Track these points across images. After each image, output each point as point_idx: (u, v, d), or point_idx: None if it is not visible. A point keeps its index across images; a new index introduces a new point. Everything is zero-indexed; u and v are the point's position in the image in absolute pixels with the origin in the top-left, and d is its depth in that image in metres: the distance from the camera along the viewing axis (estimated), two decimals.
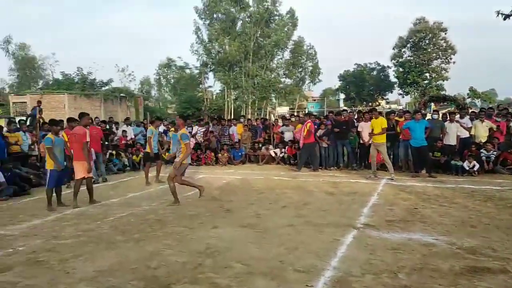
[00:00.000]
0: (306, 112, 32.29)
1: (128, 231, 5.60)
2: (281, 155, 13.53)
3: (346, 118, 12.15)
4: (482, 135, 10.87)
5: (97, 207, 7.37)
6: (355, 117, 13.05)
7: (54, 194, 7.41)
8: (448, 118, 11.04)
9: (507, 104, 29.70)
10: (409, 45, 40.38)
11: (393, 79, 46.42)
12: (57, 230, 5.76)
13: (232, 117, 26.45)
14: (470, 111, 13.83)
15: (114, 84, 33.58)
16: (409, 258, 4.23)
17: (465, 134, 10.97)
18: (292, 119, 14.86)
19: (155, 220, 6.20)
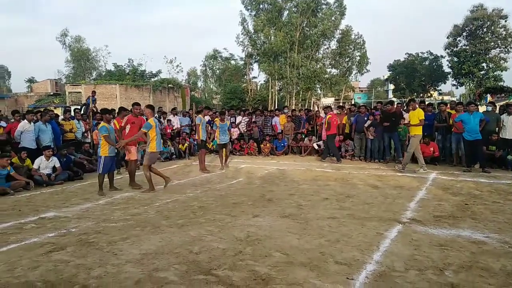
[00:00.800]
0: (352, 103, 31.57)
1: (173, 216, 5.78)
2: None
3: (394, 110, 11.74)
4: None
5: (145, 193, 7.66)
6: (404, 108, 12.60)
7: (106, 180, 7.81)
8: (506, 111, 10.32)
9: None
10: (465, 34, 38.20)
11: (447, 69, 44.34)
12: (107, 213, 6.06)
13: (276, 107, 26.38)
14: None
15: (163, 75, 34.67)
16: (457, 256, 4.04)
17: None
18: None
19: (198, 207, 6.35)
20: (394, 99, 32.48)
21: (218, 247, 4.37)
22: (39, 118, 9.74)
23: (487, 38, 36.75)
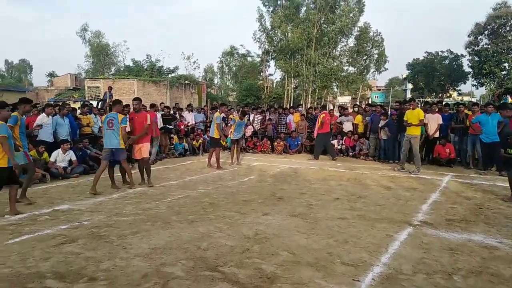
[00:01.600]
0: (369, 102, 31.21)
1: (183, 212, 5.84)
2: (339, 147, 13.25)
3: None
4: None
5: (157, 188, 7.75)
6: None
7: (118, 174, 7.92)
8: None
9: None
10: (486, 32, 37.14)
11: (467, 69, 43.25)
12: (119, 207, 6.16)
13: (291, 105, 26.30)
14: None
15: (180, 72, 34.87)
16: (467, 260, 3.97)
17: None
18: (354, 110, 14.48)
19: (208, 203, 6.40)
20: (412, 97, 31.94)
21: (226, 244, 4.40)
22: (57, 112, 9.93)
23: (510, 37, 35.68)
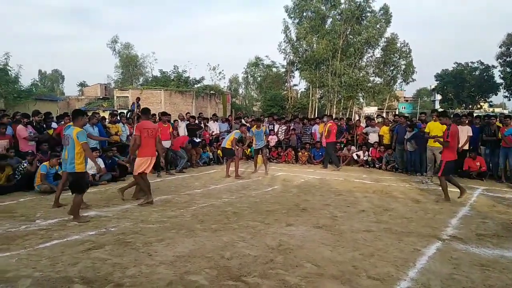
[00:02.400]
0: (396, 113, 30.68)
1: (207, 220, 5.88)
2: (365, 158, 13.05)
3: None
4: None
5: (182, 196, 7.83)
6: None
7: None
8: None
9: None
10: None
11: (499, 80, 41.90)
12: (145, 215, 6.26)
13: (316, 116, 26.12)
14: None
15: (206, 82, 35.37)
16: (499, 277, 3.81)
17: None
18: (378, 120, 14.27)
19: (232, 213, 6.42)
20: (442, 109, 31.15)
21: (249, 254, 4.39)
22: (87, 121, 10.22)
23: None
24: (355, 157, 13.18)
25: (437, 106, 55.27)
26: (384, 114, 28.79)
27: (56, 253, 4.36)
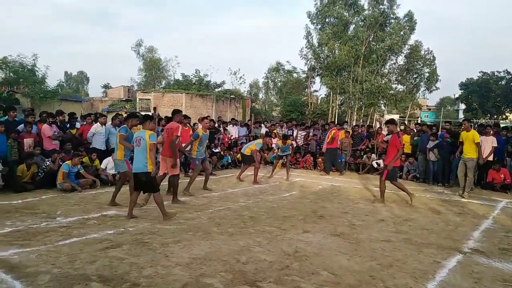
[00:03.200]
0: (418, 121, 30.15)
1: (224, 224, 5.88)
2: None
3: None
4: None
5: (200, 199, 7.87)
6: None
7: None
8: None
9: None
10: None
11: None
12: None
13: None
14: None
15: (226, 86, 35.63)
16: None
17: None
18: (400, 128, 14.01)
19: (249, 217, 6.40)
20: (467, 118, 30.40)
21: (265, 259, 4.36)
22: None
23: None
24: (375, 165, 12.97)
25: (461, 115, 54.04)
26: (406, 122, 28.34)
27: (75, 250, 4.44)
